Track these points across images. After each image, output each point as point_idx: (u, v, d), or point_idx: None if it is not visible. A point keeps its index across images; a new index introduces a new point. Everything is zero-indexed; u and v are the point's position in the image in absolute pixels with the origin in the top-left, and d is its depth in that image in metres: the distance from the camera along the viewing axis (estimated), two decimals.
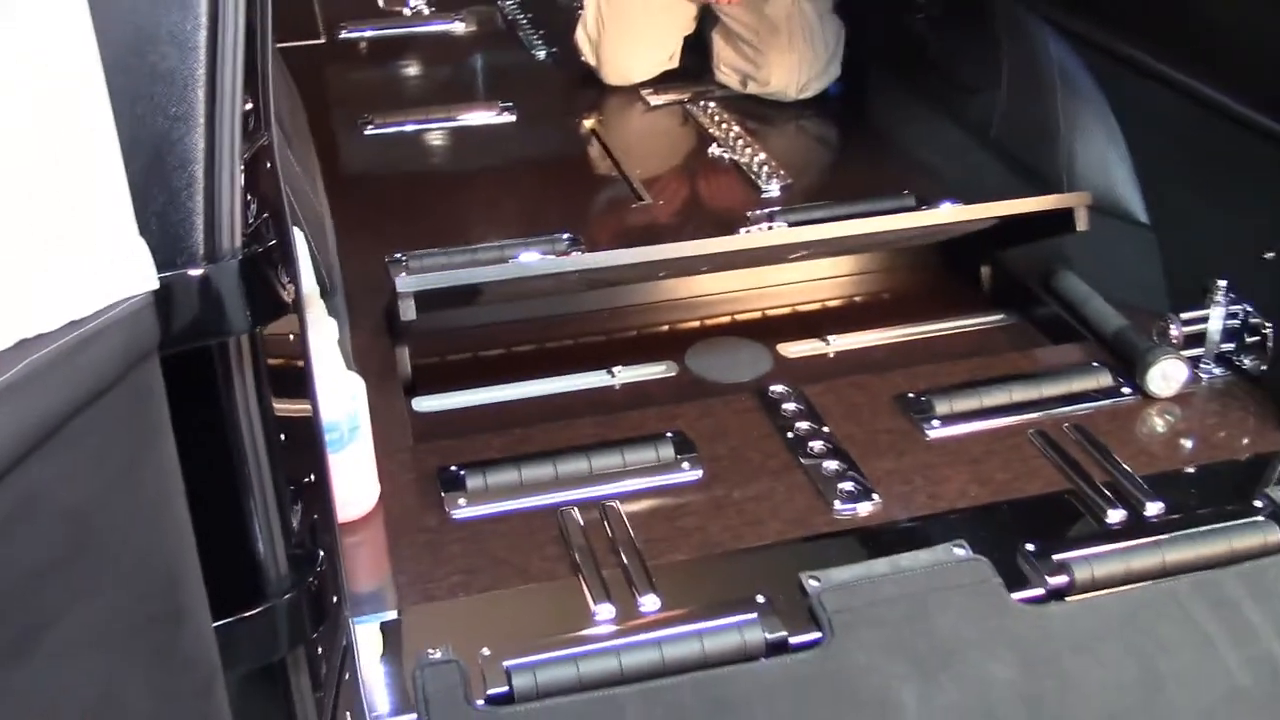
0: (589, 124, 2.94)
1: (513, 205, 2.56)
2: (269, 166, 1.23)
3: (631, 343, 2.19)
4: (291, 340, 1.29)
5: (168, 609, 1.04)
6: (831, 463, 1.75)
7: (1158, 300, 2.06)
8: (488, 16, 3.63)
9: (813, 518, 1.66)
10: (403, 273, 2.12)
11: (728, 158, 2.72)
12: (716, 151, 2.75)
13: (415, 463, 1.75)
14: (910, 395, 1.89)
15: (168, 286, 1.02)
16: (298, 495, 1.28)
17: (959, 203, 2.26)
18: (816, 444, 1.79)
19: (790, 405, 1.88)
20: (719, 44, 3.06)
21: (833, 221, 2.14)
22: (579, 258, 2.14)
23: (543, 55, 3.35)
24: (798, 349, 2.14)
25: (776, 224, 2.35)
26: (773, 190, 2.56)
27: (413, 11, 3.65)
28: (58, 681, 0.94)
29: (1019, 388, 1.89)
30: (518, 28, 3.53)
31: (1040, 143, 2.31)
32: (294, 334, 1.30)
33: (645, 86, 3.07)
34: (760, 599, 1.48)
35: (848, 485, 1.70)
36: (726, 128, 2.84)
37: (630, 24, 3.01)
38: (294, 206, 1.42)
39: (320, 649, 1.31)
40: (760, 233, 2.29)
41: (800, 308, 2.29)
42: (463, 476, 1.69)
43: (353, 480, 1.60)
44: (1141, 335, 1.96)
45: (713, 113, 2.93)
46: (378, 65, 3.34)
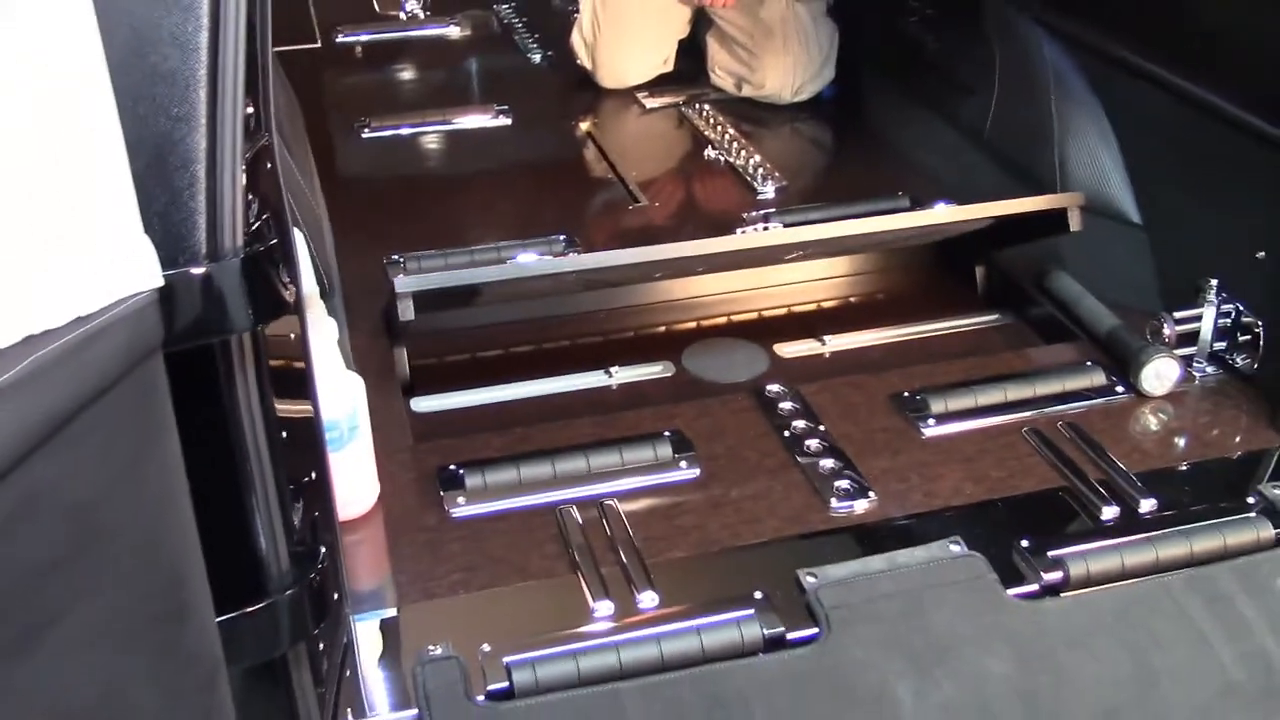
0: (585, 127, 2.95)
1: (509, 207, 2.57)
2: (269, 167, 1.24)
3: (628, 344, 2.20)
4: (292, 339, 1.30)
5: (172, 605, 1.04)
6: (828, 461, 1.76)
7: (1150, 300, 2.08)
8: (483, 21, 3.64)
9: (809, 515, 1.67)
10: (400, 274, 2.12)
11: (723, 160, 2.74)
12: (712, 154, 2.76)
13: (414, 462, 1.76)
14: (906, 394, 1.90)
15: (170, 285, 1.03)
16: (299, 493, 1.29)
17: (953, 203, 2.27)
18: (813, 443, 1.80)
19: (787, 404, 1.89)
20: (714, 47, 3.07)
21: (828, 222, 2.16)
22: (576, 258, 2.15)
23: (538, 59, 3.37)
24: (794, 349, 2.15)
25: (772, 225, 2.36)
26: (768, 192, 2.57)
27: (408, 16, 3.66)
28: (62, 677, 0.95)
29: (1013, 387, 1.90)
30: (513, 32, 3.54)
31: (1033, 144, 2.33)
32: (294, 333, 1.31)
33: (640, 90, 3.09)
34: (758, 595, 1.49)
35: (844, 483, 1.71)
36: (721, 130, 2.85)
37: (626, 27, 3.03)
38: (293, 208, 1.43)
39: (321, 645, 1.32)
40: (756, 233, 2.30)
41: (796, 308, 2.30)
42: (462, 475, 1.70)
43: (353, 479, 1.60)
44: (1134, 334, 1.97)
45: (708, 115, 2.94)
46: (374, 69, 3.35)
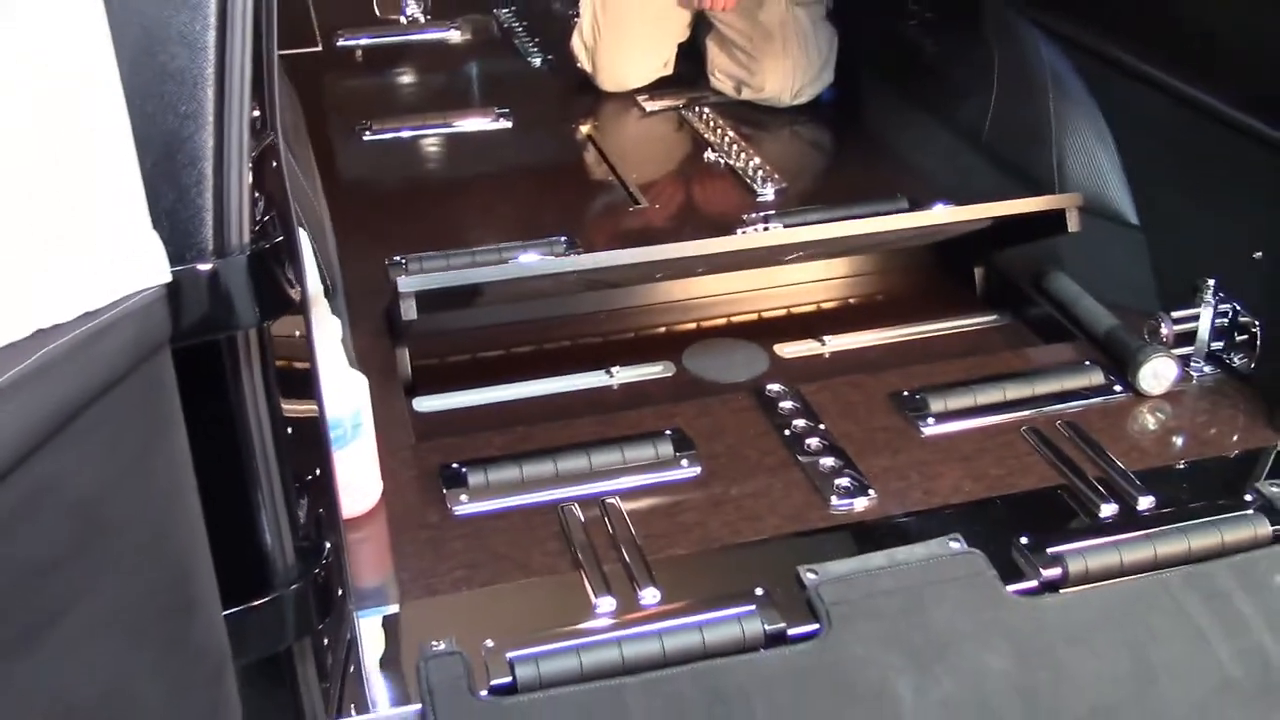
0: (585, 130, 2.96)
1: (510, 209, 2.58)
2: (275, 165, 1.25)
3: (629, 344, 2.21)
4: (297, 337, 1.31)
5: (179, 599, 1.05)
6: (828, 459, 1.77)
7: (1148, 300, 2.09)
8: (483, 25, 3.65)
9: (809, 513, 1.68)
10: (403, 274, 2.13)
11: (723, 162, 2.75)
12: (712, 156, 2.78)
13: (417, 460, 1.76)
14: (905, 394, 1.91)
15: (178, 281, 1.04)
16: (303, 490, 1.30)
17: (952, 204, 2.28)
18: (813, 441, 1.81)
19: (787, 404, 1.90)
20: (713, 51, 3.09)
21: (827, 223, 2.17)
22: (578, 258, 2.16)
23: (538, 62, 3.38)
24: (794, 349, 2.16)
25: (772, 226, 2.37)
26: (767, 194, 2.58)
27: (409, 20, 3.68)
28: (70, 671, 0.95)
29: (1012, 386, 1.91)
30: (513, 36, 3.56)
31: (1031, 146, 2.34)
32: (299, 331, 1.32)
33: (641, 93, 3.10)
34: (759, 592, 1.49)
35: (844, 481, 1.72)
36: (721, 133, 2.87)
37: (626, 31, 3.04)
38: (297, 208, 1.44)
39: (326, 641, 1.33)
40: (756, 233, 2.32)
41: (796, 309, 2.31)
42: (464, 473, 1.71)
43: (356, 477, 1.61)
44: (1132, 334, 1.98)
45: (708, 118, 2.95)
46: (375, 73, 3.36)
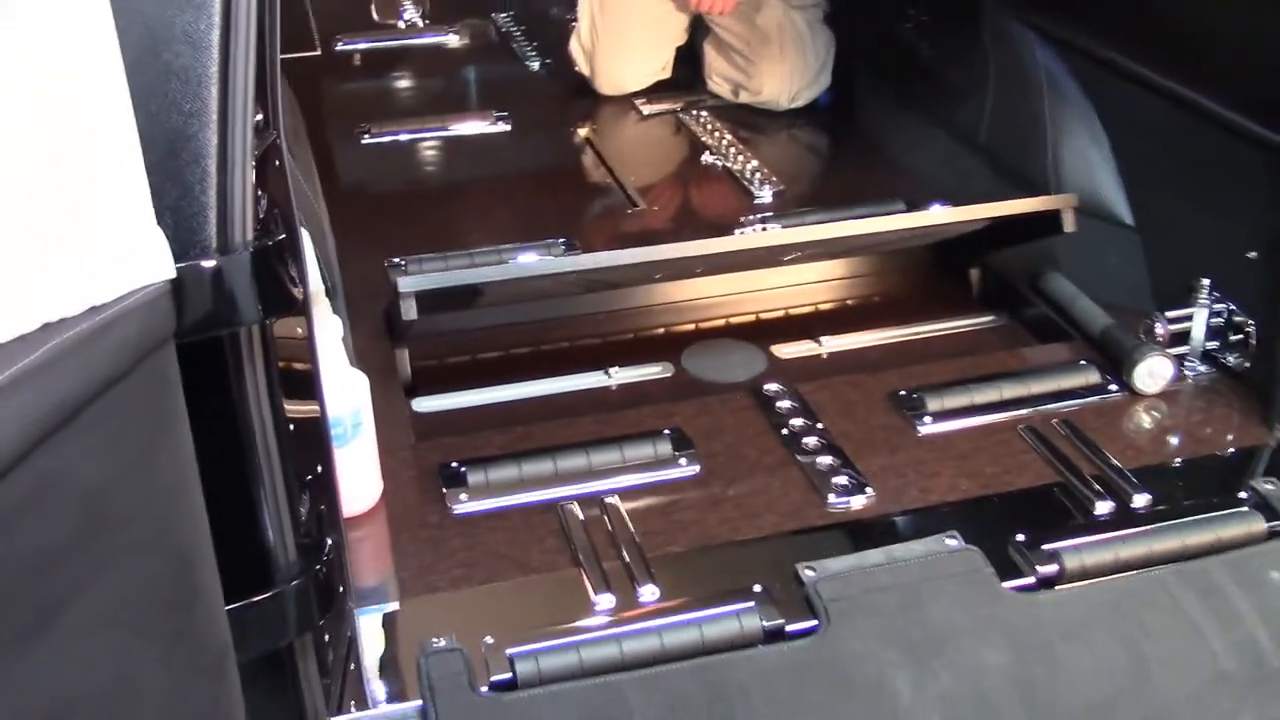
0: (583, 133, 2.97)
1: (509, 212, 2.59)
2: (278, 164, 1.26)
3: (628, 345, 2.21)
4: (299, 334, 1.32)
5: (183, 591, 1.06)
6: (826, 458, 1.78)
7: (1143, 300, 2.10)
8: (481, 29, 3.67)
9: (807, 511, 1.69)
10: (402, 275, 2.14)
11: (720, 165, 2.76)
12: (709, 159, 2.79)
13: (416, 460, 1.77)
14: (902, 393, 1.92)
15: (181, 277, 1.04)
16: (304, 487, 1.31)
17: (948, 205, 2.30)
18: (811, 440, 1.82)
19: (785, 403, 1.91)
20: (711, 54, 3.10)
21: (825, 224, 2.18)
22: (577, 258, 2.17)
23: (536, 66, 3.39)
24: (791, 350, 2.17)
25: (770, 227, 2.39)
26: (765, 196, 2.59)
27: (407, 25, 3.69)
28: (75, 662, 0.96)
29: (1008, 385, 1.92)
30: (511, 40, 3.57)
31: (1027, 148, 2.35)
32: (301, 329, 1.33)
33: (638, 96, 3.11)
34: (757, 589, 1.50)
35: (842, 480, 1.73)
36: (719, 136, 2.88)
37: (624, 35, 3.05)
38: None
39: (327, 637, 1.34)
40: (754, 233, 2.33)
41: (793, 311, 2.32)
42: (464, 473, 1.72)
43: (356, 476, 1.62)
44: (1128, 334, 1.99)
45: (705, 121, 2.96)
46: (373, 77, 3.37)
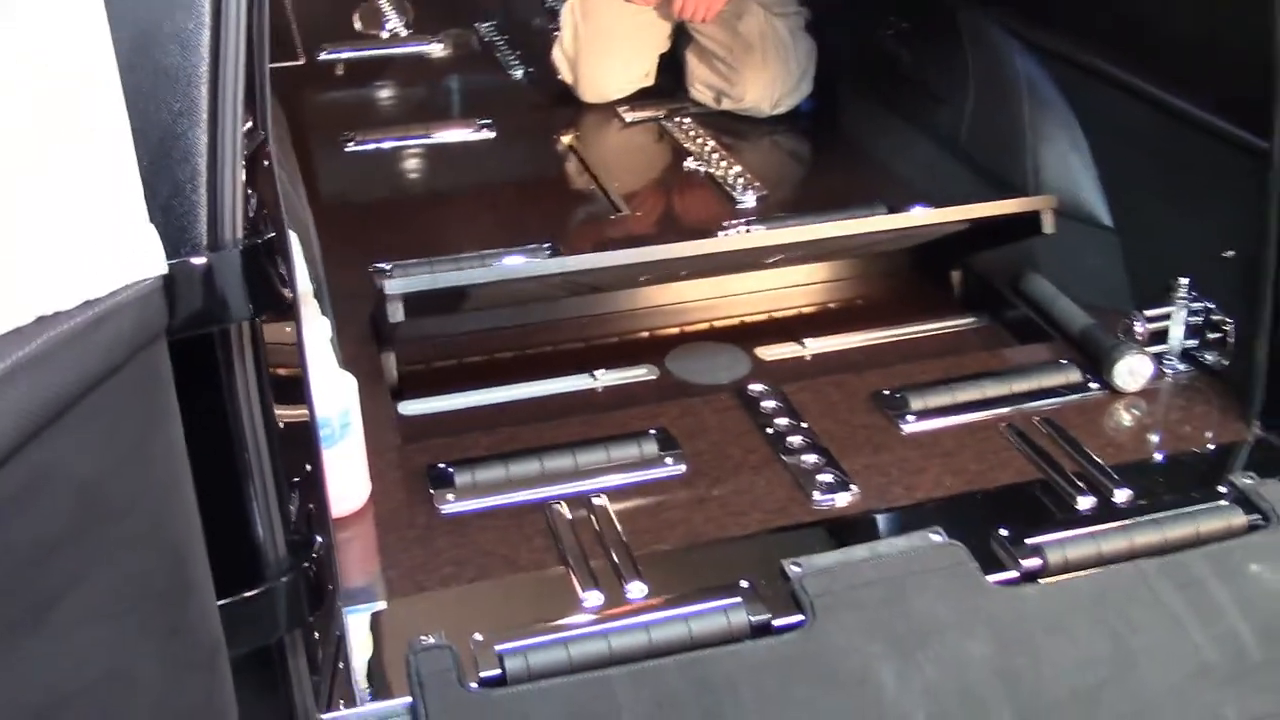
0: (567, 140, 2.98)
1: (494, 219, 2.60)
2: (266, 164, 1.27)
3: (612, 349, 2.23)
4: (288, 333, 1.33)
5: (175, 584, 1.07)
6: (810, 457, 1.79)
7: (1122, 300, 2.12)
8: (464, 39, 3.68)
9: (793, 509, 1.70)
10: (389, 279, 2.15)
11: (703, 171, 2.78)
12: (692, 165, 2.81)
13: (403, 461, 1.78)
14: (885, 392, 1.94)
15: (172, 274, 1.05)
16: (294, 485, 1.32)
17: (929, 207, 2.32)
18: (795, 439, 1.83)
19: (769, 403, 1.93)
20: (693, 62, 3.12)
21: (807, 225, 2.20)
22: (564, 259, 2.18)
23: (519, 75, 3.41)
24: (775, 352, 2.19)
25: (754, 229, 2.41)
26: (748, 201, 2.61)
27: (390, 34, 3.71)
28: (70, 653, 0.97)
29: (990, 384, 1.94)
30: (494, 49, 3.59)
31: (1007, 151, 2.38)
32: (290, 328, 1.34)
33: (621, 104, 3.13)
34: (744, 584, 1.51)
35: (826, 478, 1.75)
36: (702, 142, 2.90)
37: (607, 42, 3.07)
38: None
39: (317, 634, 1.35)
40: (738, 234, 2.35)
41: (777, 314, 2.34)
42: (451, 473, 1.73)
43: (344, 476, 1.63)
44: (1108, 333, 2.01)
45: (688, 128, 2.99)
46: (357, 86, 3.39)
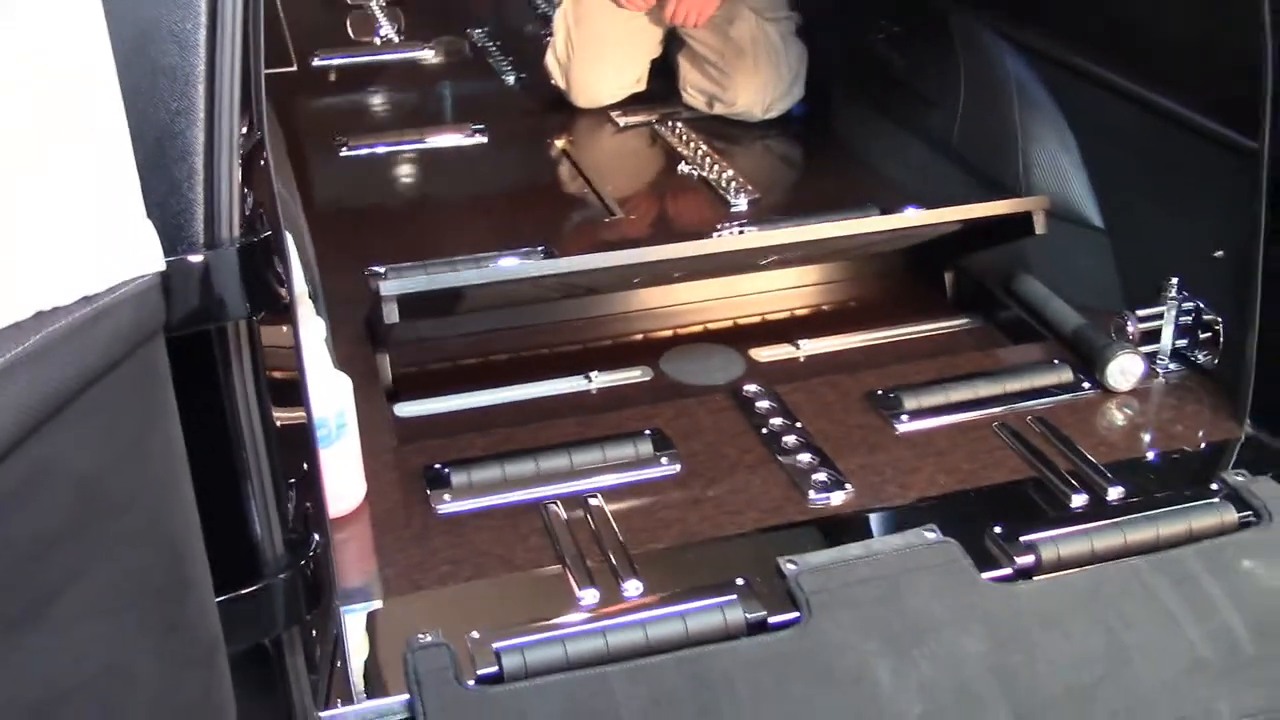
0: (560, 145, 2.99)
1: (488, 223, 2.61)
2: (263, 164, 1.28)
3: (607, 351, 2.23)
4: (284, 333, 1.33)
5: (174, 580, 1.07)
6: (805, 456, 1.80)
7: (1114, 301, 2.13)
8: (456, 45, 3.70)
9: (788, 508, 1.71)
10: (383, 281, 2.16)
11: (696, 175, 2.79)
12: (685, 169, 2.82)
13: (399, 463, 1.78)
14: (880, 392, 1.95)
15: (170, 272, 1.06)
16: (292, 484, 1.32)
17: (922, 208, 2.33)
18: (790, 439, 1.84)
19: (764, 404, 1.93)
20: (685, 67, 3.14)
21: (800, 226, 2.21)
22: (557, 260, 2.18)
23: (511, 81, 3.43)
24: (769, 353, 2.19)
25: (746, 231, 2.42)
26: (741, 204, 2.62)
27: (383, 41, 3.72)
28: (69, 648, 0.97)
29: (984, 384, 1.95)
30: (487, 55, 3.60)
31: (998, 153, 2.39)
32: (286, 328, 1.34)
33: (614, 109, 3.14)
34: (740, 582, 1.52)
35: (821, 477, 1.75)
36: (694, 146, 2.91)
37: (599, 48, 3.08)
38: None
39: (314, 632, 1.35)
40: (731, 235, 2.36)
41: (770, 316, 2.35)
42: (447, 474, 1.73)
43: (340, 476, 1.63)
44: (1100, 333, 2.02)
45: (680, 132, 3.00)
46: (350, 91, 3.39)
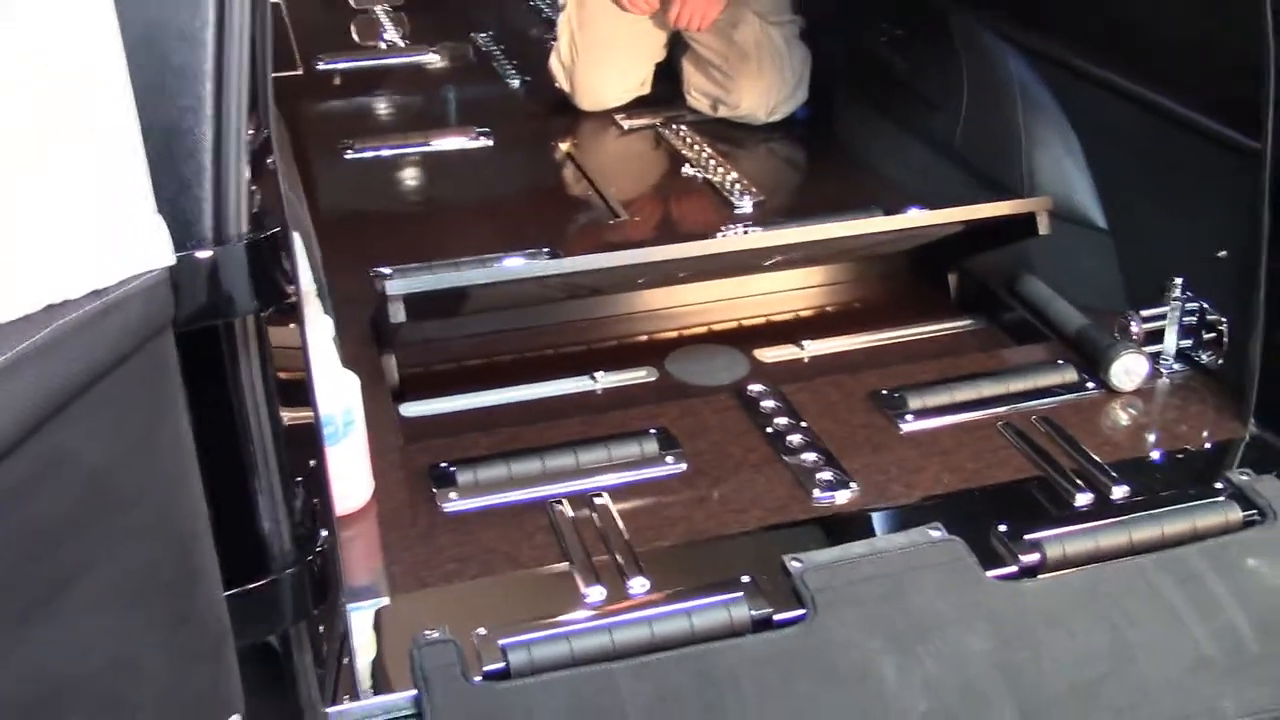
0: (565, 147, 3.00)
1: (493, 225, 2.61)
2: (270, 161, 1.29)
3: (612, 352, 2.24)
4: (291, 330, 1.34)
5: (182, 574, 1.08)
6: (810, 455, 1.80)
7: (1117, 301, 2.13)
8: (461, 50, 3.71)
9: (793, 506, 1.71)
10: (389, 281, 2.16)
11: (701, 177, 2.80)
12: (689, 171, 2.83)
13: (406, 461, 1.79)
14: (884, 392, 1.95)
15: (178, 267, 1.07)
16: (299, 480, 1.32)
17: (925, 209, 2.34)
18: (795, 438, 1.84)
19: (768, 403, 1.94)
20: (689, 70, 3.15)
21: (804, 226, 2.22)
22: (563, 261, 2.19)
23: (516, 84, 3.44)
24: (774, 354, 2.20)
25: (751, 231, 2.42)
26: (745, 206, 2.63)
27: (388, 45, 3.74)
28: (78, 640, 0.98)
29: (988, 384, 1.96)
30: (491, 59, 3.61)
31: (1002, 155, 2.40)
32: (294, 325, 1.35)
33: (618, 112, 3.15)
34: (745, 580, 1.52)
35: (826, 476, 1.75)
36: (699, 149, 2.92)
37: (603, 51, 3.09)
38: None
39: (321, 628, 1.35)
40: (735, 236, 2.36)
41: (775, 317, 2.35)
42: (453, 473, 1.74)
43: (347, 474, 1.63)
44: (1104, 333, 2.03)
45: (685, 135, 3.01)
46: (355, 95, 3.41)
